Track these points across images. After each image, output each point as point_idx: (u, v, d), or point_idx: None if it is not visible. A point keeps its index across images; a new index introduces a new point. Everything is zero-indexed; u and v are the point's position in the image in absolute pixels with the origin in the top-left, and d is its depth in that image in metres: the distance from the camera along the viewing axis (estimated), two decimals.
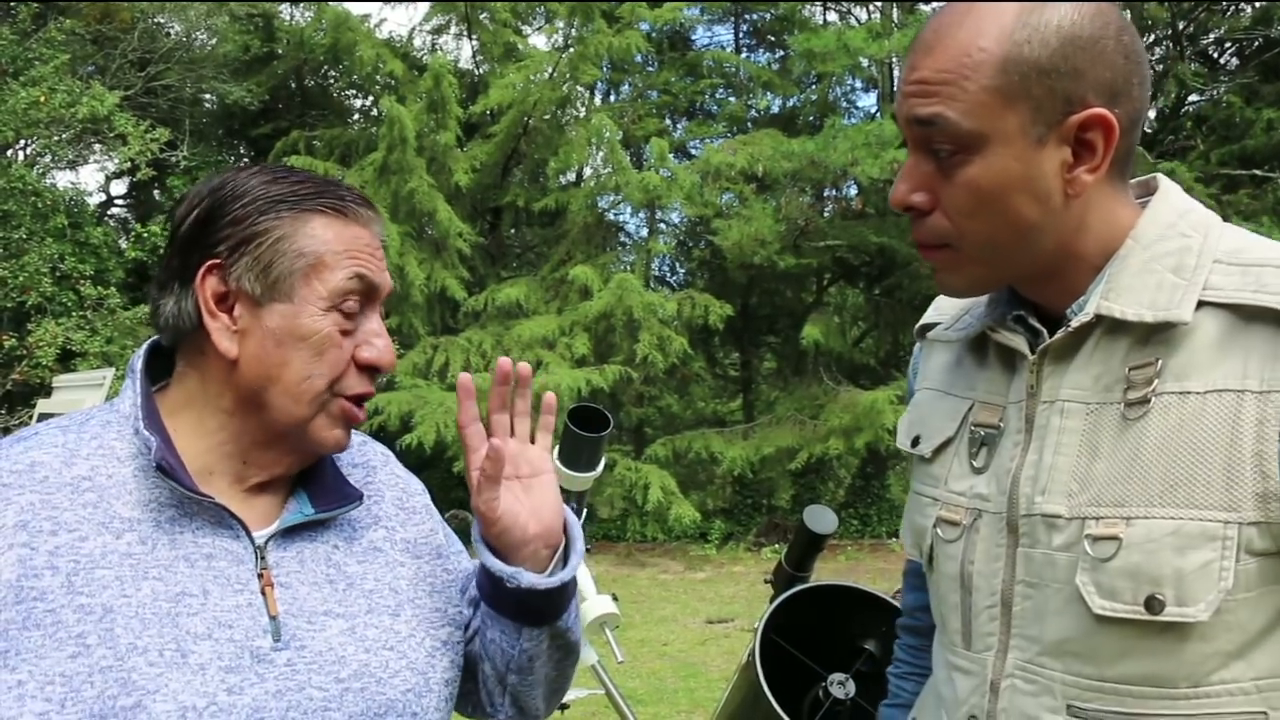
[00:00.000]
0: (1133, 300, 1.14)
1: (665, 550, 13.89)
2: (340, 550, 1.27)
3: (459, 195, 14.55)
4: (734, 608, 10.24)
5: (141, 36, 15.21)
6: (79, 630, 1.07)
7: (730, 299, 14.68)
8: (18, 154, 13.50)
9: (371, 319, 1.24)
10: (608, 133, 14.64)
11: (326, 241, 1.20)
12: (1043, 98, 1.10)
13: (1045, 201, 1.13)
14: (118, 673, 1.07)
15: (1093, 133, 1.12)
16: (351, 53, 15.43)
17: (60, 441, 1.18)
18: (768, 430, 14.41)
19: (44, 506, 1.12)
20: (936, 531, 1.28)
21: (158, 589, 1.12)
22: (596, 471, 3.29)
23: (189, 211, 1.21)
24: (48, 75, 12.02)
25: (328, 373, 1.20)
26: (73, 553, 1.11)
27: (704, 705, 6.82)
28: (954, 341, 1.33)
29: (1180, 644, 1.09)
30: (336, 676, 1.18)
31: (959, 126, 1.11)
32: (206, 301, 1.18)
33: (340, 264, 1.20)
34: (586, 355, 13.44)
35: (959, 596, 1.25)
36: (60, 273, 12.40)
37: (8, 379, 11.72)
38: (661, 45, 17.16)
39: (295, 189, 1.21)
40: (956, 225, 1.15)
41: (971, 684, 1.24)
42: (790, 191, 14.55)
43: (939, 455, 1.30)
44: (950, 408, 1.30)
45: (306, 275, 1.18)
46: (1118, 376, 1.14)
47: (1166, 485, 1.09)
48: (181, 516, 1.17)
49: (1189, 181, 12.63)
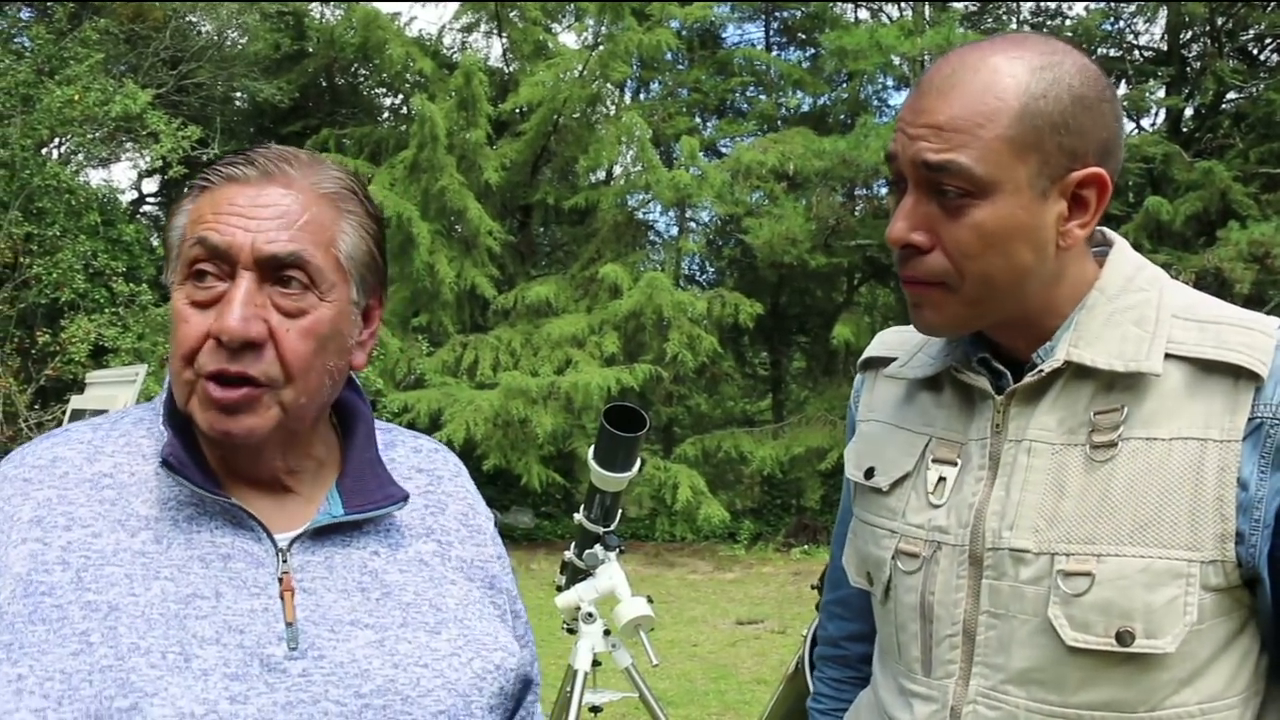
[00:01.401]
0: (1102, 350, 1.20)
1: (694, 550, 13.84)
2: (380, 557, 1.20)
3: (489, 193, 14.55)
4: (764, 609, 10.17)
5: (173, 35, 15.27)
6: (83, 627, 1.04)
7: (760, 298, 14.61)
8: (52, 152, 13.59)
9: (237, 286, 1.08)
10: (638, 131, 14.60)
11: (190, 214, 1.13)
12: (1052, 152, 1.15)
13: (1041, 251, 1.18)
14: (117, 673, 1.02)
15: (1089, 190, 1.18)
16: (382, 51, 15.45)
17: (88, 438, 1.16)
18: (797, 430, 14.33)
19: (60, 502, 1.10)
20: (895, 563, 1.31)
21: (167, 589, 1.07)
22: (633, 471, 3.25)
23: None
24: (82, 74, 12.07)
25: (178, 350, 1.10)
26: (84, 548, 1.08)
27: (735, 708, 6.77)
28: (905, 379, 1.37)
29: (1142, 673, 1.16)
30: (357, 691, 1.10)
31: (972, 172, 1.14)
32: None
33: (192, 234, 1.11)
34: (616, 354, 13.40)
35: (918, 625, 1.28)
36: (93, 269, 12.45)
37: (41, 375, 11.79)
38: (692, 43, 17.10)
39: (205, 171, 1.16)
40: (957, 266, 1.18)
41: (930, 709, 1.27)
42: (821, 190, 14.47)
43: (896, 488, 1.33)
44: (905, 442, 1.34)
45: (177, 255, 1.13)
46: (1082, 420, 1.20)
47: (1136, 525, 1.15)
48: (199, 515, 1.13)
49: (1227, 180, 12.48)
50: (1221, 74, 13.65)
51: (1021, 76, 1.15)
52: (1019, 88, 1.14)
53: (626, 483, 3.25)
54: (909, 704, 1.30)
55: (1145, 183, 13.84)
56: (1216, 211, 12.81)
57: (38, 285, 11.90)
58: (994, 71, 1.16)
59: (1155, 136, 13.67)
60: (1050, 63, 1.16)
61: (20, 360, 12.08)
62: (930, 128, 1.16)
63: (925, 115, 1.17)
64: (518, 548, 13.86)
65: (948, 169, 1.15)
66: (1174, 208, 12.47)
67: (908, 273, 1.21)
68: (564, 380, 12.67)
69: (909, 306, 1.26)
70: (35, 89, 11.79)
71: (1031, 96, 1.14)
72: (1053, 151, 1.15)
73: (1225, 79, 13.77)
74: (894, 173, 1.22)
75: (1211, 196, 12.62)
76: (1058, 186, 1.16)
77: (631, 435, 3.15)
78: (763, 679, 7.47)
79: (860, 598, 1.46)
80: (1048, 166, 1.15)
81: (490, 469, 12.95)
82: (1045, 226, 1.17)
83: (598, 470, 3.23)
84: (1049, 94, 1.14)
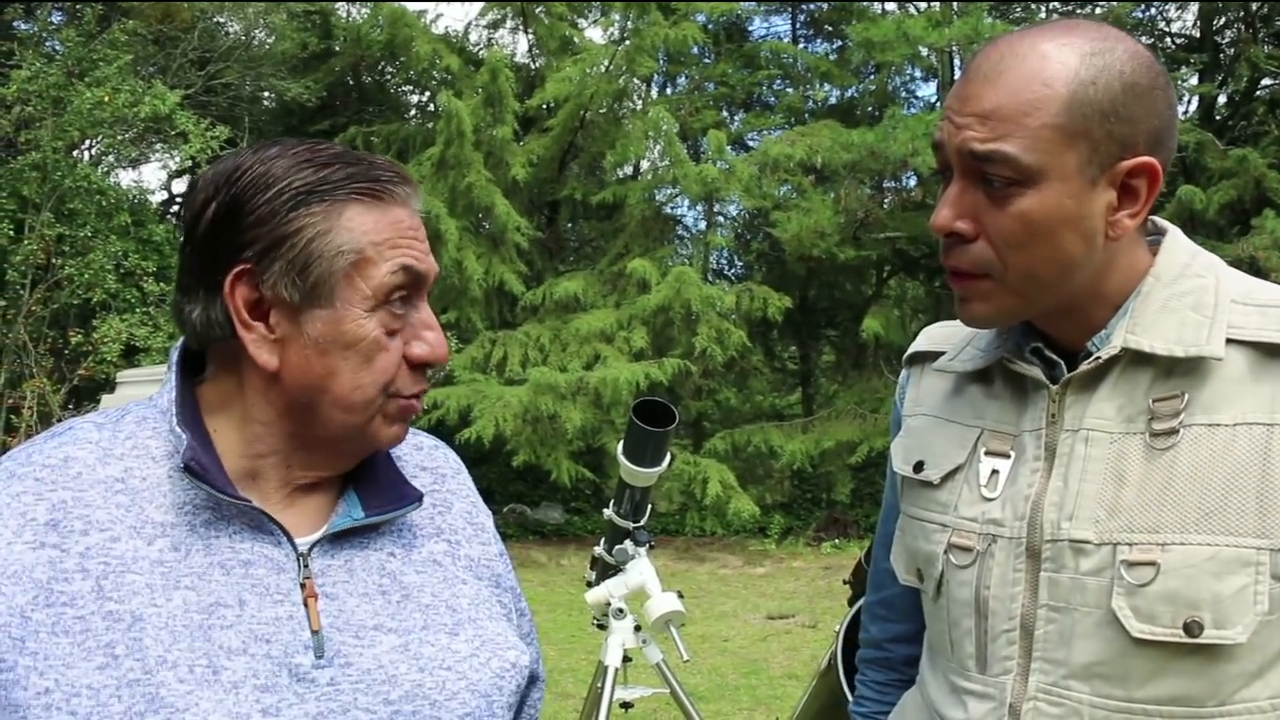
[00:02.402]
0: (1159, 335, 1.17)
1: (724, 545, 13.82)
2: (397, 559, 1.17)
3: (516, 189, 14.56)
4: (794, 603, 10.15)
5: (201, 36, 15.37)
6: (107, 639, 1.00)
7: (789, 291, 14.57)
8: (83, 154, 13.71)
9: (420, 310, 1.13)
10: (665, 125, 14.58)
11: (365, 232, 1.08)
12: (1101, 140, 1.13)
13: (1090, 240, 1.16)
14: (145, 687, 0.99)
15: (1139, 179, 1.16)
16: (408, 48, 15.50)
17: (95, 438, 1.11)
18: (827, 424, 14.28)
19: (76, 504, 1.05)
20: (948, 558, 1.28)
21: (189, 599, 1.04)
22: (662, 466, 3.23)
23: (204, 206, 1.08)
24: (111, 76, 12.17)
25: (379, 379, 1.10)
26: (104, 554, 1.04)
27: (766, 703, 6.75)
28: (954, 372, 1.35)
29: (1211, 665, 1.13)
30: (386, 698, 1.08)
31: (1019, 161, 1.12)
32: (239, 312, 1.07)
33: (383, 256, 1.08)
34: (644, 349, 13.39)
35: (973, 621, 1.26)
36: (124, 270, 12.56)
37: (74, 374, 11.90)
38: (718, 37, 17.06)
39: (324, 174, 1.08)
40: (1001, 256, 1.17)
41: (987, 707, 1.24)
42: (849, 183, 14.39)
43: (947, 481, 1.31)
44: (956, 435, 1.32)
45: (349, 275, 1.07)
46: (1140, 408, 1.18)
47: (1201, 513, 1.13)
48: (217, 520, 1.09)
49: (1261, 168, 12.33)
50: (1256, 60, 13.49)
51: (1071, 63, 1.12)
52: (1068, 74, 1.12)
53: (656, 478, 3.23)
54: (962, 702, 1.27)
55: (1178, 171, 13.68)
56: (1251, 200, 12.68)
57: (70, 286, 12.02)
58: (1043, 58, 1.13)
59: (1188, 124, 13.52)
60: (1101, 49, 1.14)
61: (54, 360, 12.21)
62: (977, 116, 1.14)
63: (972, 103, 1.15)
64: (547, 543, 13.88)
65: (993, 158, 1.13)
66: (1207, 196, 12.34)
67: (951, 262, 1.20)
68: (593, 376, 12.67)
69: (955, 301, 1.24)
70: (66, 91, 11.90)
71: (1081, 83, 1.12)
72: (1102, 140, 1.13)
73: (1260, 65, 13.62)
74: (940, 161, 1.20)
75: (1245, 185, 12.49)
76: (1107, 175, 1.14)
77: (661, 430, 3.13)
78: (794, 674, 7.44)
79: (905, 597, 1.44)
80: (1097, 155, 1.13)
81: (519, 465, 12.98)
82: (1093, 216, 1.15)
83: (627, 465, 3.21)
84: (1099, 81, 1.12)
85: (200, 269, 1.09)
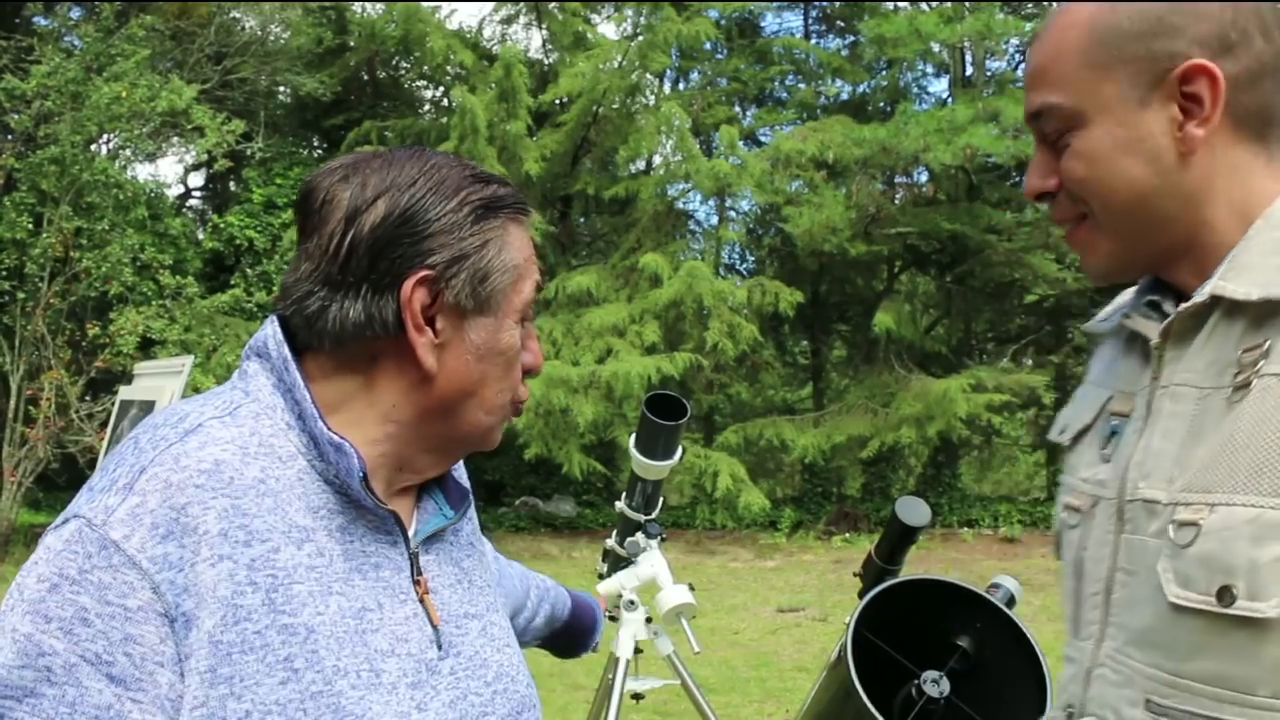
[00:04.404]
0: (1248, 280, 1.07)
1: (735, 538, 13.87)
2: (455, 548, 1.24)
3: (529, 184, 14.61)
4: (804, 596, 10.19)
5: (218, 31, 15.44)
6: (285, 653, 1.00)
7: (801, 286, 14.60)
8: (101, 148, 13.78)
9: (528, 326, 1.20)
10: (677, 121, 14.60)
11: (520, 250, 1.15)
12: (1139, 59, 1.10)
13: (1156, 161, 1.11)
14: (328, 698, 1.01)
15: (1196, 85, 1.08)
16: (422, 44, 15.56)
17: (228, 436, 1.06)
18: (838, 418, 14.32)
19: (235, 513, 1.01)
20: (1064, 518, 1.25)
21: (343, 605, 1.06)
22: (674, 460, 3.27)
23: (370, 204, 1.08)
24: (129, 71, 12.24)
25: (514, 385, 1.18)
26: (269, 566, 1.02)
27: (776, 695, 6.80)
28: (1108, 334, 1.31)
29: (1255, 644, 1.01)
30: (485, 680, 1.16)
31: (1060, 108, 1.13)
32: (415, 315, 1.08)
33: (529, 274, 1.16)
34: (657, 343, 13.44)
35: (1073, 583, 1.22)
36: (140, 263, 12.64)
37: (92, 366, 11.99)
38: (731, 32, 17.08)
39: (492, 191, 1.13)
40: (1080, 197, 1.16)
41: (1072, 672, 1.21)
42: (861, 178, 14.41)
43: (1076, 444, 1.28)
44: (1092, 397, 1.28)
45: (512, 288, 1.14)
46: (1230, 360, 1.08)
47: (1252, 471, 1.02)
48: (349, 524, 1.10)
49: None
50: None
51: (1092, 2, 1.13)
52: (1088, 11, 1.12)
53: (668, 471, 3.26)
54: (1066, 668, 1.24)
55: None
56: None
57: (87, 279, 12.11)
58: (1068, 10, 1.15)
59: None
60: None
61: (71, 352, 12.29)
62: (1029, 79, 1.17)
63: (1027, 75, 1.18)
64: (559, 536, 13.94)
65: (1041, 113, 1.15)
66: None
67: (1055, 218, 1.21)
68: (605, 369, 12.72)
69: None
70: (84, 86, 11.98)
71: (1101, 12, 1.11)
72: (1141, 58, 1.10)
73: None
74: None
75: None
76: (1159, 91, 1.10)
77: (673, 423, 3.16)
78: (804, 666, 7.49)
79: None
80: (1140, 75, 1.10)
81: (531, 458, 13.04)
82: (1154, 135, 1.11)
83: (639, 458, 3.24)
84: (1120, 8, 1.11)
85: (369, 268, 1.08)
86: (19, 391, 12.11)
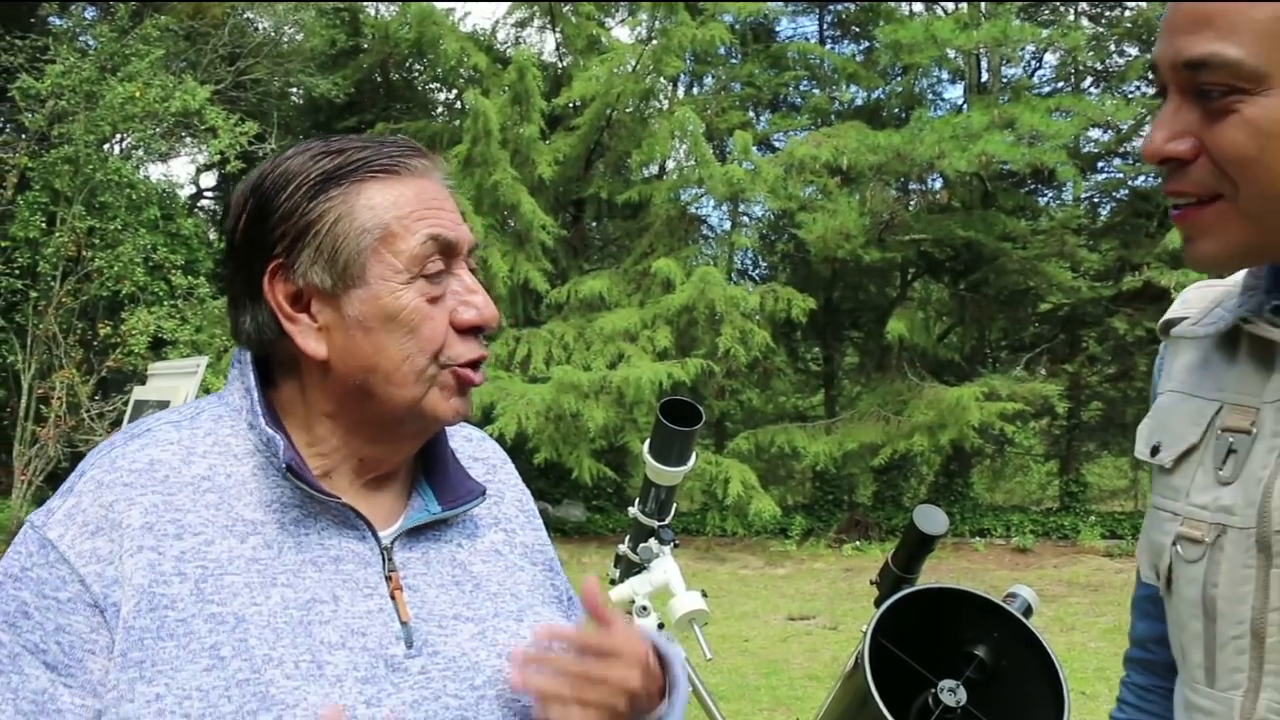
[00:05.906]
0: None
1: (745, 545, 13.84)
2: (464, 550, 1.21)
3: (542, 187, 14.62)
4: (815, 604, 10.15)
5: (231, 32, 15.48)
6: (212, 641, 1.02)
7: (813, 293, 14.57)
8: (114, 147, 13.84)
9: (461, 276, 1.14)
10: (691, 125, 14.60)
11: (386, 208, 1.10)
12: None
13: None
14: (255, 686, 1.01)
15: None
16: (436, 46, 15.57)
17: (175, 438, 1.12)
18: (850, 425, 14.28)
19: (167, 508, 1.06)
20: (1176, 549, 1.11)
21: (288, 596, 1.06)
22: (688, 466, 3.23)
23: (237, 218, 1.13)
24: (143, 71, 12.29)
25: (427, 348, 1.11)
26: (199, 558, 1.05)
27: (786, 703, 6.76)
28: (1202, 338, 1.16)
29: None
30: (471, 684, 1.12)
31: (1240, 64, 0.94)
32: (281, 307, 1.10)
33: (410, 229, 1.10)
34: (668, 348, 13.42)
35: (1201, 625, 1.09)
36: (152, 263, 12.68)
37: (103, 366, 12.02)
38: (745, 37, 17.06)
39: (339, 161, 1.11)
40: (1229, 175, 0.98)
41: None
42: (875, 185, 14.38)
43: (1180, 465, 1.14)
44: (1194, 411, 1.13)
45: (376, 251, 1.09)
46: None
47: None
48: (306, 517, 1.11)
49: None
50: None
51: None
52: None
53: (681, 476, 3.24)
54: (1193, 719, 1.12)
55: None
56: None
57: (99, 278, 12.16)
58: None
59: None
60: None
61: (83, 351, 12.33)
62: (1188, 18, 0.97)
63: (1184, 7, 0.98)
64: (569, 541, 13.92)
65: (1209, 63, 0.96)
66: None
67: (1171, 187, 1.02)
68: (616, 374, 12.71)
69: (1183, 245, 1.06)
70: (98, 86, 12.02)
71: None
72: None
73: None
74: (1157, 83, 1.03)
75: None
76: None
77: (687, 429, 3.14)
78: (814, 675, 7.45)
79: None
80: None
81: (541, 462, 13.02)
82: None
83: (653, 464, 3.22)
84: None
85: (242, 277, 1.12)
86: (30, 390, 12.15)
